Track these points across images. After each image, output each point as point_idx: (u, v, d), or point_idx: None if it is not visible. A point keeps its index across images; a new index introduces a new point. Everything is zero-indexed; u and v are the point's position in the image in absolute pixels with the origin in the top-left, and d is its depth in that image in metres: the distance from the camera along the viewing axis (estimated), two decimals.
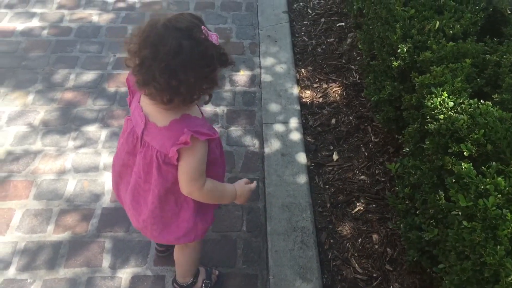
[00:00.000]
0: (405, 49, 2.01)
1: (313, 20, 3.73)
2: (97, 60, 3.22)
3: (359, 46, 2.65)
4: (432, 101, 1.73)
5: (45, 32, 3.44)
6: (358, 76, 3.15)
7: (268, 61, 3.28)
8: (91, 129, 2.75)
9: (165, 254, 2.14)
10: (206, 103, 1.45)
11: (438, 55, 1.93)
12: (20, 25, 3.48)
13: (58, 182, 2.47)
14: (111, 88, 3.02)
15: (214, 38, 1.28)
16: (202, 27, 1.26)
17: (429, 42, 2.00)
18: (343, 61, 3.31)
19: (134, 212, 1.65)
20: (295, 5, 3.90)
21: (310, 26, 3.67)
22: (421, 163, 1.78)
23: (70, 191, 2.43)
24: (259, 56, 3.32)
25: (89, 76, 3.10)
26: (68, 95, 2.96)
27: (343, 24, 3.64)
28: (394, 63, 2.01)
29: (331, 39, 3.52)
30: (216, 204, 1.73)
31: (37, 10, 3.64)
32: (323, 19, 3.72)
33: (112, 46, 3.33)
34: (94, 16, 3.62)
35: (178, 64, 1.24)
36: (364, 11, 2.55)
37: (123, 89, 3.01)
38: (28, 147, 2.63)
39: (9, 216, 2.31)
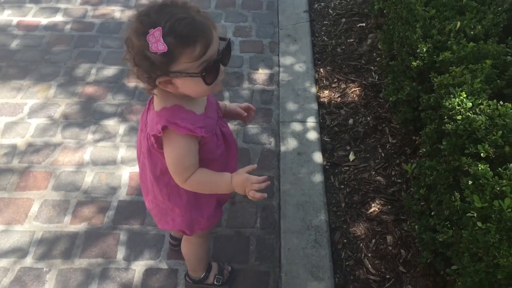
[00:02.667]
0: (425, 49, 1.99)
1: (333, 20, 3.71)
2: (118, 56, 3.26)
3: (379, 46, 2.63)
4: (450, 102, 1.71)
5: (68, 27, 3.50)
6: (377, 77, 3.13)
7: (287, 60, 3.28)
8: (110, 123, 2.79)
9: (178, 248, 2.16)
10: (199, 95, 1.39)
11: (458, 56, 1.91)
12: (44, 20, 3.55)
13: (77, 174, 2.51)
14: (131, 83, 3.06)
15: (154, 46, 1.17)
16: (152, 31, 1.17)
17: (449, 42, 1.98)
18: (363, 61, 3.30)
19: (143, 192, 1.68)
20: (316, 5, 3.89)
21: (331, 26, 3.66)
22: (437, 164, 1.76)
23: (88, 183, 2.47)
24: (278, 55, 3.33)
25: (109, 71, 3.14)
26: (89, 89, 3.00)
27: (363, 24, 3.62)
28: (413, 63, 1.99)
29: (351, 40, 3.50)
30: (216, 198, 1.67)
31: (61, 5, 3.71)
32: (343, 20, 3.71)
33: None
34: (117, 12, 3.67)
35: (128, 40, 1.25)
36: (384, 12, 2.53)
37: (142, 85, 3.03)
38: (48, 139, 2.68)
39: (28, 206, 2.35)
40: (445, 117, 1.73)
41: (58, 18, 3.58)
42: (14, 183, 2.45)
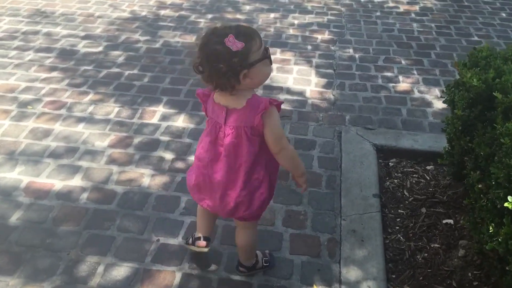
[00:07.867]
0: None
1: (410, 209, 2.94)
2: (135, 245, 2.57)
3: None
4: None
5: (85, 195, 2.88)
6: None
7: (351, 272, 2.48)
8: None
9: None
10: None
11: None
12: (59, 183, 2.96)
13: None
14: None
15: (234, 46, 1.71)
16: (228, 37, 1.71)
17: None
18: (454, 284, 2.45)
19: (227, 198, 1.97)
20: (388, 183, 3.16)
21: (407, 217, 2.88)
22: None
23: None
24: (339, 262, 2.53)
25: (120, 270, 2.43)
26: None
27: (451, 222, 2.82)
28: None
29: (436, 244, 2.69)
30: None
31: (84, 163, 3.13)
32: (424, 210, 2.93)
33: (158, 226, 2.69)
34: (146, 177, 3.05)
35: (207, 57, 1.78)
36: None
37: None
38: None
39: None
40: None
41: (76, 181, 2.99)
42: None
